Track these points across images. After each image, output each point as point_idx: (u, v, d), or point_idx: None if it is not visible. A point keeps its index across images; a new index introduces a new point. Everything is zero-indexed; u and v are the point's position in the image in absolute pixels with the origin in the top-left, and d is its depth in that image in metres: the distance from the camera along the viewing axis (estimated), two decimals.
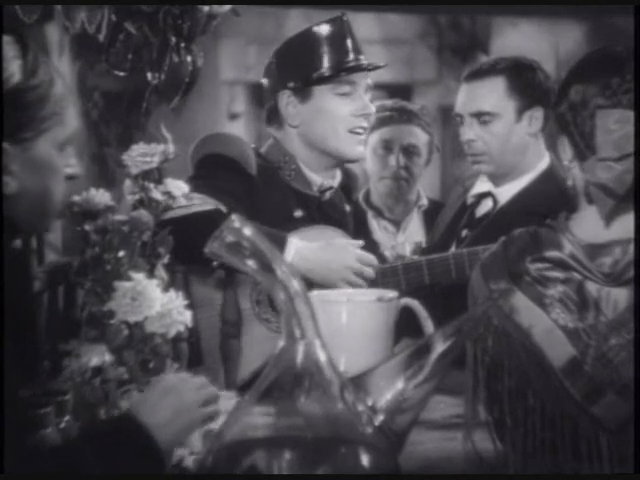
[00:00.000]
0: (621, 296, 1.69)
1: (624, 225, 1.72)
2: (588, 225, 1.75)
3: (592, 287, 1.70)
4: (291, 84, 2.53)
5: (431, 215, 3.20)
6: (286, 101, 2.54)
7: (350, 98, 2.52)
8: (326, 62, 2.51)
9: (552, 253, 1.73)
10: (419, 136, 3.31)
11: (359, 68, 2.53)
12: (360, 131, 2.53)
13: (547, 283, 1.71)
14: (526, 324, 1.70)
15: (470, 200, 2.81)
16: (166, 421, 1.47)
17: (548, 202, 2.33)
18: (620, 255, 1.70)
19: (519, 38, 4.93)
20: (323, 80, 2.51)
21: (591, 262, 1.71)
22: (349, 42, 2.54)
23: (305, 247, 2.32)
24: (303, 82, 2.52)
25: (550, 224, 1.77)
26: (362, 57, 2.55)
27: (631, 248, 1.70)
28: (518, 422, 1.71)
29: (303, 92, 2.52)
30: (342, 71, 2.51)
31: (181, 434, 1.51)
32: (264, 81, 2.60)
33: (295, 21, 4.83)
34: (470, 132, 2.70)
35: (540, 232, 1.77)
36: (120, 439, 1.45)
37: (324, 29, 2.54)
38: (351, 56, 2.53)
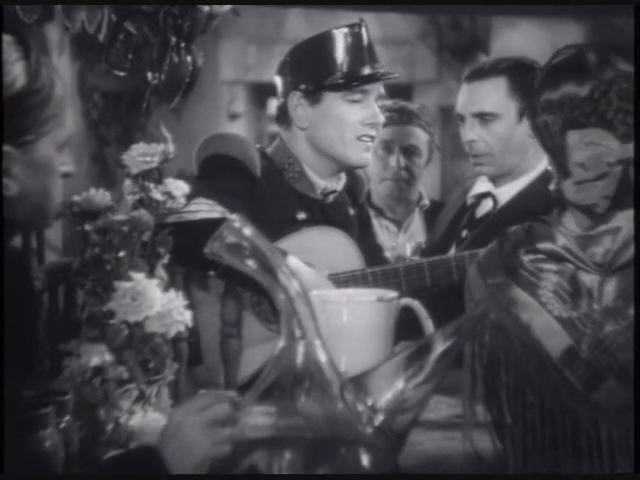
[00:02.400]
0: (614, 284, 1.70)
1: (613, 218, 1.74)
2: (578, 219, 1.76)
3: (585, 277, 1.72)
4: (302, 86, 2.52)
5: (433, 215, 3.19)
6: (296, 102, 2.53)
7: (360, 105, 2.51)
8: (340, 69, 2.50)
9: (545, 245, 1.75)
10: (419, 136, 3.30)
11: (372, 78, 2.51)
12: (367, 139, 2.53)
13: (541, 274, 1.72)
14: (523, 317, 1.71)
15: (470, 200, 2.81)
16: (180, 459, 1.41)
17: (547, 202, 2.33)
18: (610, 244, 1.72)
19: (519, 38, 4.94)
20: (335, 87, 2.50)
21: (583, 252, 1.72)
22: (365, 50, 2.52)
23: (301, 269, 2.30)
24: (315, 86, 2.51)
25: (544, 219, 1.79)
26: (377, 65, 2.53)
27: (620, 236, 1.71)
28: (517, 418, 1.71)
29: (314, 95, 2.51)
30: (355, 80, 2.49)
31: (200, 465, 1.39)
32: (276, 79, 2.59)
33: (295, 21, 4.84)
34: (471, 132, 2.70)
35: (534, 226, 1.79)
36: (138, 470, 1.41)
37: (341, 34, 2.52)
38: (366, 65, 2.51)
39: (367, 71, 2.51)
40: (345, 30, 2.52)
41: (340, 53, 2.50)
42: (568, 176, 1.73)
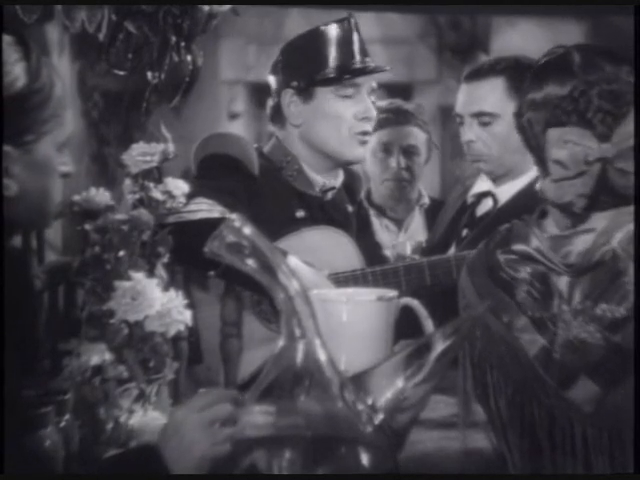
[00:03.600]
0: (583, 285, 1.71)
1: (589, 219, 1.74)
2: (557, 218, 1.77)
3: (556, 278, 1.73)
4: (294, 83, 2.52)
5: (433, 214, 3.19)
6: (289, 100, 2.53)
7: (353, 100, 2.51)
8: (331, 63, 2.50)
9: (518, 246, 1.77)
10: (417, 136, 3.30)
11: (363, 71, 2.51)
12: (362, 135, 2.53)
13: (516, 275, 1.73)
14: (504, 317, 1.72)
15: (470, 199, 2.80)
16: (179, 458, 1.40)
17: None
18: (582, 245, 1.73)
19: (519, 38, 4.94)
20: (327, 82, 2.50)
21: (555, 254, 1.73)
22: (355, 44, 2.53)
23: (300, 268, 2.30)
24: (306, 82, 2.51)
25: (524, 218, 1.80)
26: (368, 59, 2.53)
27: (593, 237, 1.72)
28: (510, 417, 1.72)
29: (306, 92, 2.51)
30: (346, 74, 2.49)
31: (199, 464, 1.40)
32: (270, 78, 2.60)
33: (295, 21, 4.83)
34: (470, 133, 2.69)
35: (514, 226, 1.81)
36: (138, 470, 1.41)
37: (331, 30, 2.52)
38: (356, 59, 2.51)
39: (358, 65, 2.51)
40: (334, 25, 2.53)
41: (330, 48, 2.51)
42: (548, 174, 1.74)
